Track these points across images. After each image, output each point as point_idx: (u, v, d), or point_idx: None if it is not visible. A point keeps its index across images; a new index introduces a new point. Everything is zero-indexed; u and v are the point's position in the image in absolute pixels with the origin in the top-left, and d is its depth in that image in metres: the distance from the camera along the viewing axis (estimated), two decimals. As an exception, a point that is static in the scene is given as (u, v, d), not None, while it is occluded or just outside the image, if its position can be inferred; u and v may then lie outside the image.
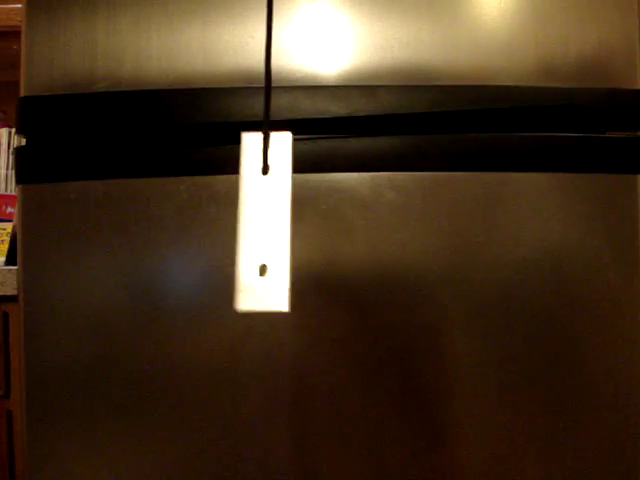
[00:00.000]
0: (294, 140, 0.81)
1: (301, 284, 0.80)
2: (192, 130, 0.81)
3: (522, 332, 0.81)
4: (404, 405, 0.81)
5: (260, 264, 0.43)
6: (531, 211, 0.81)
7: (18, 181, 0.83)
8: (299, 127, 0.80)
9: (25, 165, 0.83)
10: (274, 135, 0.46)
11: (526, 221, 0.81)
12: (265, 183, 0.45)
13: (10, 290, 1.06)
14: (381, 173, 0.81)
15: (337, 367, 0.81)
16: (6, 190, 1.52)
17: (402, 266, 0.80)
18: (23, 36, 0.83)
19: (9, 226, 1.40)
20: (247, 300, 0.42)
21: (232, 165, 0.81)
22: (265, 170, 0.46)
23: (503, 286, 0.81)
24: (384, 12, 0.82)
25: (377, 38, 0.82)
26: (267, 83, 0.39)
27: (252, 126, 0.81)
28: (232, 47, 0.82)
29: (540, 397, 0.81)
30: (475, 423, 0.81)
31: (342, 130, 0.81)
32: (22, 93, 0.82)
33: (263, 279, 0.42)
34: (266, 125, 0.45)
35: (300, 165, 0.81)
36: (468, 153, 0.81)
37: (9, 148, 1.55)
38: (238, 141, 0.80)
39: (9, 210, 1.45)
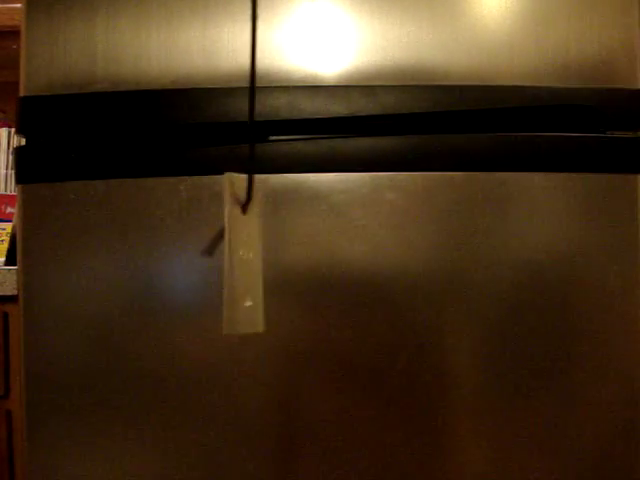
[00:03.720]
0: (294, 140, 0.81)
1: (301, 284, 0.80)
2: (192, 130, 0.81)
3: (522, 332, 0.81)
4: (404, 405, 0.81)
5: (241, 292, 0.50)
6: (531, 211, 0.81)
7: (18, 181, 0.83)
8: (299, 127, 0.80)
9: (25, 165, 0.83)
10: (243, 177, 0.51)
11: (526, 221, 0.81)
12: (245, 221, 0.51)
13: (10, 290, 1.06)
14: (381, 173, 0.81)
15: (337, 367, 0.81)
16: (6, 190, 1.52)
17: (402, 266, 0.80)
18: (23, 36, 0.83)
19: (9, 226, 1.40)
20: (234, 326, 0.50)
21: (232, 165, 0.81)
22: (245, 209, 0.51)
23: (503, 286, 0.81)
24: (384, 12, 0.82)
25: (377, 38, 0.82)
26: (250, 111, 0.44)
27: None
28: (232, 47, 0.82)
29: (540, 397, 0.81)
30: (475, 423, 0.81)
31: (342, 130, 0.81)
32: (22, 93, 0.82)
33: (247, 307, 0.50)
34: (250, 165, 0.51)
35: (300, 165, 0.81)
36: (468, 153, 0.81)
37: (9, 148, 1.55)
38: (238, 141, 0.80)
39: (9, 210, 1.45)
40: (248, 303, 0.50)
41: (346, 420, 0.81)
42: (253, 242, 0.51)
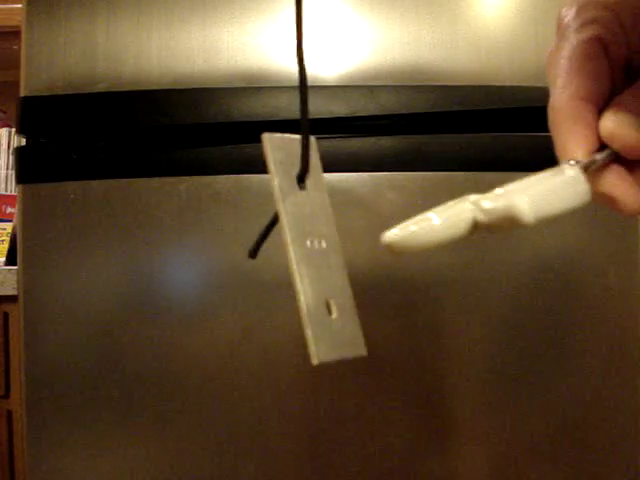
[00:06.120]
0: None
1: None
2: (192, 130, 0.81)
3: (522, 332, 0.81)
4: (405, 405, 0.81)
5: (325, 301, 0.34)
6: (531, 211, 0.81)
7: (18, 181, 0.83)
8: (299, 127, 0.80)
9: (25, 165, 0.83)
10: (297, 137, 0.36)
11: (526, 221, 0.81)
12: (305, 198, 0.36)
13: (10, 290, 1.06)
14: (381, 173, 0.81)
15: (337, 367, 0.81)
16: (6, 190, 1.52)
17: (402, 266, 0.80)
18: (23, 36, 0.83)
19: (9, 226, 1.40)
20: (324, 349, 0.33)
21: (232, 165, 0.81)
22: (303, 182, 0.35)
23: (503, 286, 0.81)
24: (384, 12, 0.82)
25: (377, 38, 0.82)
26: (302, 74, 0.33)
27: (252, 126, 0.81)
28: (232, 47, 0.82)
29: (541, 396, 0.81)
30: (476, 423, 0.81)
31: (342, 130, 0.81)
32: (22, 93, 0.82)
33: (333, 320, 0.34)
34: (305, 123, 0.34)
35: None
36: (468, 153, 0.81)
37: (9, 148, 1.55)
38: (238, 141, 0.80)
39: (9, 210, 1.45)
40: (334, 315, 0.35)
41: (347, 419, 0.81)
42: (322, 226, 0.36)
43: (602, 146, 0.30)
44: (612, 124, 0.29)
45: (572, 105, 0.31)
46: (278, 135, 0.35)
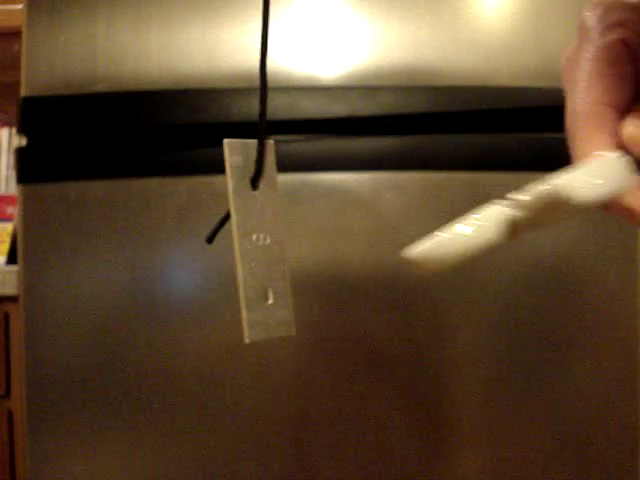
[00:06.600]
0: (295, 141, 0.81)
1: (301, 284, 0.80)
2: (192, 130, 0.81)
3: (522, 333, 0.81)
4: (404, 405, 0.81)
5: (263, 289, 0.40)
6: (531, 211, 0.81)
7: (19, 181, 0.83)
8: (299, 127, 0.80)
9: (26, 165, 0.83)
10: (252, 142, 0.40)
11: (526, 221, 0.81)
12: (256, 198, 0.40)
13: (11, 290, 1.06)
14: (381, 173, 0.81)
15: (336, 367, 0.81)
16: (6, 190, 1.52)
17: (401, 267, 0.80)
18: (24, 37, 0.83)
19: (9, 226, 1.40)
20: (256, 331, 0.39)
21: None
22: (256, 183, 0.40)
23: (503, 286, 0.81)
24: (384, 13, 0.82)
25: (377, 39, 0.82)
26: (262, 79, 0.36)
27: (252, 126, 0.81)
28: (232, 47, 0.82)
29: (541, 396, 0.81)
30: (475, 425, 0.81)
31: (342, 131, 0.81)
32: (23, 93, 0.82)
33: (268, 306, 0.40)
34: (262, 130, 0.39)
35: (300, 165, 0.81)
36: (468, 153, 0.81)
37: (9, 148, 1.55)
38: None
39: (9, 210, 1.45)
40: (270, 301, 0.40)
41: (346, 420, 0.81)
42: (269, 224, 0.41)
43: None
44: (635, 130, 0.29)
45: (594, 110, 0.31)
46: (238, 140, 0.40)
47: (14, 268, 1.12)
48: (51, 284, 0.81)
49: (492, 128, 0.82)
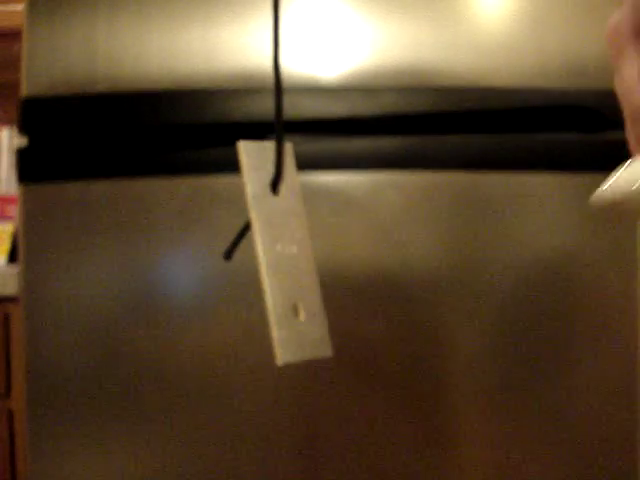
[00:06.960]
0: (295, 141, 0.81)
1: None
2: (192, 130, 0.82)
3: (522, 333, 0.81)
4: (404, 406, 0.81)
5: (293, 304, 0.35)
6: (531, 211, 0.81)
7: (19, 181, 0.83)
8: (299, 128, 0.81)
9: (26, 165, 0.83)
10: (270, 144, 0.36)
11: (525, 221, 0.81)
12: (277, 203, 0.36)
13: (11, 290, 1.06)
14: (381, 173, 0.81)
15: (337, 367, 0.81)
16: (7, 190, 1.52)
17: (402, 266, 0.81)
18: (24, 37, 0.83)
19: (10, 226, 1.40)
20: (289, 351, 0.35)
21: (233, 165, 0.82)
22: (276, 188, 0.36)
23: (503, 286, 0.81)
24: (384, 14, 0.82)
25: (377, 40, 0.82)
26: (277, 80, 0.33)
27: (252, 126, 0.81)
28: (232, 48, 0.82)
29: (541, 396, 0.81)
30: (475, 426, 0.81)
31: (343, 131, 0.81)
32: (23, 94, 0.82)
33: (300, 323, 0.36)
34: (280, 129, 0.35)
35: (300, 165, 0.81)
36: (468, 153, 0.81)
37: (10, 148, 1.55)
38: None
39: (10, 210, 1.45)
40: (302, 317, 0.36)
41: (347, 421, 0.81)
42: (293, 232, 0.37)
43: None
44: None
45: None
46: (253, 142, 0.36)
47: (14, 268, 1.12)
48: (51, 284, 0.82)
49: (492, 128, 0.82)
